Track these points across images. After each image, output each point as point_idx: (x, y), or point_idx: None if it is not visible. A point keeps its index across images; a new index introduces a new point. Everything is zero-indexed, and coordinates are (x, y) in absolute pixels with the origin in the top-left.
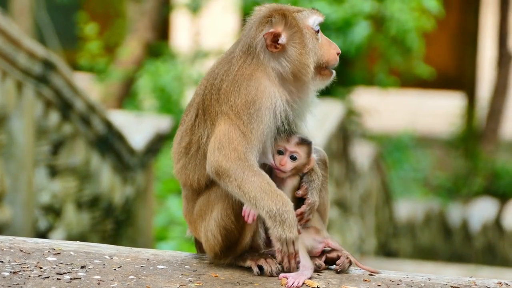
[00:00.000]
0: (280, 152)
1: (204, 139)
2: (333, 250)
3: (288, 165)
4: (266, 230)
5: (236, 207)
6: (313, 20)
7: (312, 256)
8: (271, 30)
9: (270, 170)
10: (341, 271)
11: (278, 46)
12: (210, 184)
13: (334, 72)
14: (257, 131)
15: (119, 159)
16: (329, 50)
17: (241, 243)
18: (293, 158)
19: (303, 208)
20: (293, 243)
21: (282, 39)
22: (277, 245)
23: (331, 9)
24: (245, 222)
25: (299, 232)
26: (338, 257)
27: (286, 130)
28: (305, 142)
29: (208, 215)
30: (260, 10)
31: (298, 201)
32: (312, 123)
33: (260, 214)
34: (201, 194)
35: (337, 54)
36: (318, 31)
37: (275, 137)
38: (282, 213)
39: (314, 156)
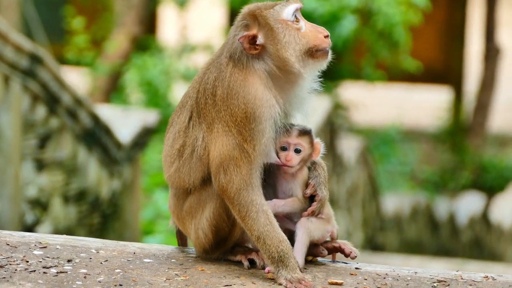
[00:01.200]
0: (284, 148)
1: (199, 141)
2: (332, 240)
3: (294, 159)
4: None
5: (227, 206)
6: (286, 11)
7: (318, 244)
8: (245, 33)
9: (270, 169)
10: (355, 257)
11: (257, 47)
12: (202, 183)
13: (327, 53)
14: (260, 146)
15: (106, 153)
16: (316, 34)
17: (230, 239)
18: (297, 151)
19: (314, 205)
20: (299, 279)
21: (260, 39)
22: (283, 282)
23: (318, 3)
24: (235, 220)
25: (301, 271)
26: (334, 247)
27: (284, 125)
28: (305, 132)
29: (199, 213)
30: (238, 14)
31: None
32: (299, 117)
33: (260, 252)
34: (192, 192)
35: (325, 36)
36: (297, 20)
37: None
38: (283, 259)
39: (318, 140)
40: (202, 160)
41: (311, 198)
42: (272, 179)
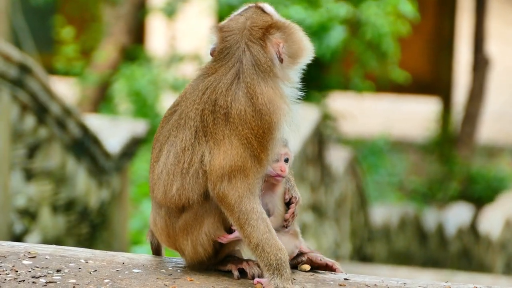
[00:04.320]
0: (275, 159)
1: (205, 158)
2: (302, 253)
3: (286, 169)
4: None
5: (225, 219)
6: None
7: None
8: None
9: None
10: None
11: (281, 56)
12: (200, 199)
13: None
14: (272, 155)
15: (95, 162)
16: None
17: (224, 251)
18: (286, 160)
19: (293, 208)
20: None
21: (281, 49)
22: None
23: (306, 13)
24: (231, 231)
25: (292, 282)
26: (309, 260)
27: None
28: (286, 141)
29: (197, 229)
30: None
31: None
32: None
33: (257, 259)
34: (186, 209)
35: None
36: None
37: None
38: (280, 268)
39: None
40: (204, 175)
41: (286, 205)
42: None
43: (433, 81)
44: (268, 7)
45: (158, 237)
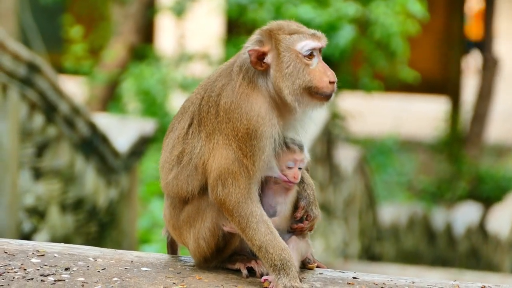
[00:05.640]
0: (289, 165)
1: (197, 150)
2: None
3: (299, 175)
4: None
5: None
6: (302, 44)
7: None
8: (256, 47)
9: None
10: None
11: (263, 64)
12: (200, 192)
13: (328, 98)
14: (259, 162)
15: (103, 161)
16: (322, 77)
17: (230, 246)
18: (301, 167)
19: (305, 224)
20: None
21: (267, 59)
22: None
23: (316, 12)
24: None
25: (300, 280)
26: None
27: (285, 143)
28: (302, 147)
29: (199, 222)
30: (259, 29)
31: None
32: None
33: (262, 261)
34: (190, 201)
35: (331, 82)
36: (310, 56)
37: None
38: (285, 267)
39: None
40: (198, 170)
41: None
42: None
43: (442, 80)
44: None
45: (167, 229)
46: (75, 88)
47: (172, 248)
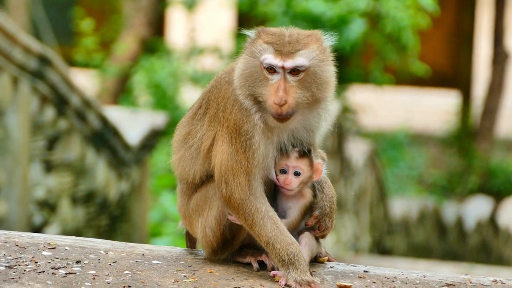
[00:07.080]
0: (283, 171)
1: (198, 134)
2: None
3: (294, 182)
4: None
5: None
6: (264, 57)
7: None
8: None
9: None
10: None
11: None
12: (206, 179)
13: (275, 117)
14: (253, 160)
15: (114, 154)
16: (270, 95)
17: (238, 238)
18: (296, 173)
19: (316, 233)
20: (308, 282)
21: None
22: (292, 284)
23: (326, 6)
24: None
25: (311, 274)
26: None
27: (285, 147)
28: (304, 155)
29: (206, 211)
30: (259, 28)
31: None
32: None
33: (270, 256)
34: (198, 189)
35: (275, 103)
36: (270, 70)
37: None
38: (294, 262)
39: (319, 161)
40: (200, 154)
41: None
42: (273, 191)
43: (453, 74)
44: None
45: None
46: (86, 81)
47: (190, 241)
